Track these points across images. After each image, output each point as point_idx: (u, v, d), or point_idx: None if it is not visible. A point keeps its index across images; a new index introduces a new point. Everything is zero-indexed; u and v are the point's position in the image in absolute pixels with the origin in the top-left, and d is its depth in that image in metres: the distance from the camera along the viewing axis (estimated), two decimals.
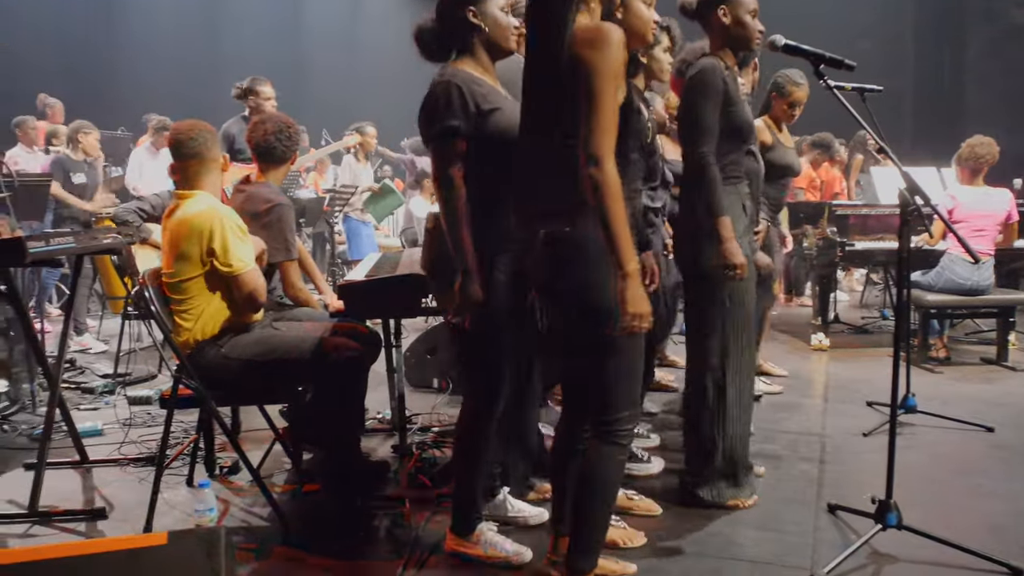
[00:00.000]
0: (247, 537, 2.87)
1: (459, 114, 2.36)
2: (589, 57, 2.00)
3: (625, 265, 1.99)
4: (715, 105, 2.82)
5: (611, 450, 2.21)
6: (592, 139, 2.00)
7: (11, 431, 4.05)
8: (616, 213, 1.98)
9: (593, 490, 2.24)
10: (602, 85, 2.00)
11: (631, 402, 2.21)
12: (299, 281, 3.50)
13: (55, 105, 8.06)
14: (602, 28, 2.03)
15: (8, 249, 2.95)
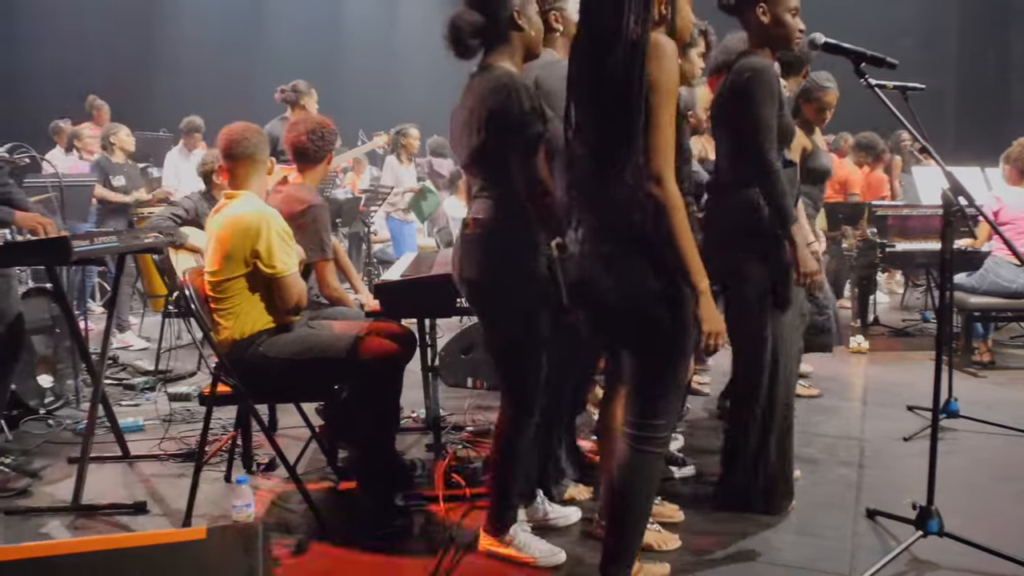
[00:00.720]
0: (283, 533, 2.90)
1: (541, 118, 2.36)
2: (650, 72, 1.97)
3: (698, 283, 1.99)
4: (775, 106, 2.75)
5: (646, 458, 2.20)
6: (653, 157, 1.98)
7: (56, 426, 4.14)
8: (683, 231, 1.97)
9: (629, 498, 2.22)
10: (662, 101, 1.98)
11: (673, 410, 2.20)
12: (335, 281, 3.53)
13: (102, 107, 8.22)
14: (659, 42, 2.00)
15: (54, 248, 3.02)
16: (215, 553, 1.73)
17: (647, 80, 1.97)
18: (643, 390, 2.19)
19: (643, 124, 1.98)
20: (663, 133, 1.98)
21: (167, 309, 5.13)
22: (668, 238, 1.98)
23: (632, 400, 2.21)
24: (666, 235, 1.98)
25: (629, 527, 2.25)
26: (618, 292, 2.12)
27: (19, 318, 3.48)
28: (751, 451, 2.95)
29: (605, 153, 2.10)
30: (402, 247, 7.38)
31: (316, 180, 3.57)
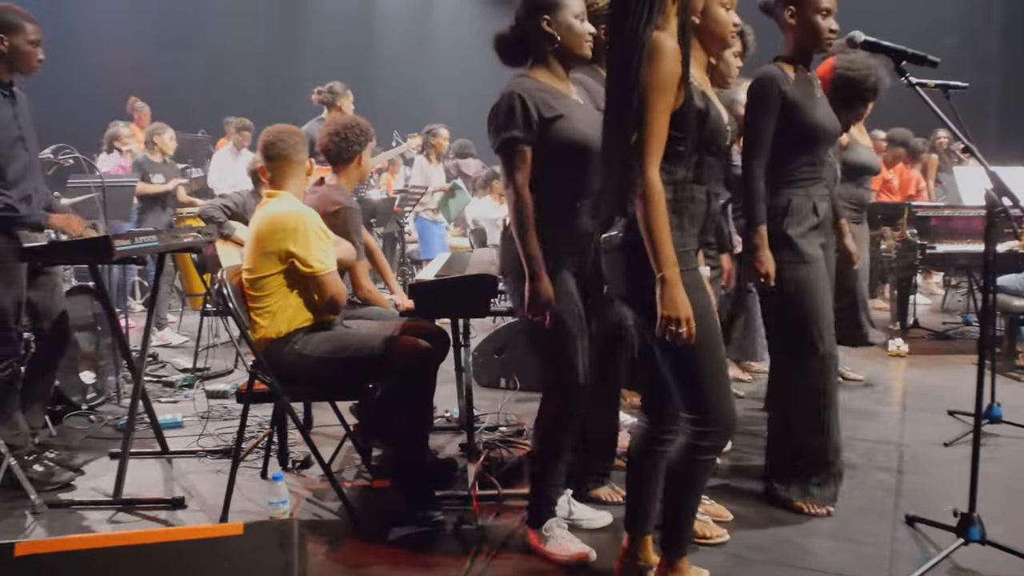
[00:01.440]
0: (318, 530, 2.93)
1: (520, 124, 2.44)
2: (642, 69, 2.05)
3: (662, 268, 2.04)
4: (769, 115, 2.85)
5: (697, 452, 2.19)
6: (638, 148, 2.06)
7: (97, 421, 4.23)
8: (653, 218, 2.04)
9: (677, 493, 2.25)
10: (649, 96, 2.04)
11: (720, 402, 2.18)
12: (368, 282, 3.56)
13: (143, 109, 8.38)
14: (655, 41, 2.06)
15: (97, 247, 3.08)
16: (252, 548, 1.76)
17: (640, 78, 2.05)
18: (680, 385, 2.19)
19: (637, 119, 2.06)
20: (650, 126, 2.05)
21: (205, 307, 5.22)
22: (642, 224, 2.06)
23: (676, 395, 2.22)
24: (641, 222, 2.06)
25: (676, 519, 2.27)
26: (628, 286, 2.19)
27: (64, 315, 3.56)
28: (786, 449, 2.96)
29: (613, 151, 2.19)
30: (431, 247, 7.41)
31: (351, 181, 3.60)
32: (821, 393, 2.93)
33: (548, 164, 2.48)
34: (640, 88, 2.05)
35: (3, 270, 3.23)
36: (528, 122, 2.44)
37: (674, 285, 2.03)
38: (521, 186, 2.46)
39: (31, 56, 3.29)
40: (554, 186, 2.50)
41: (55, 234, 4.76)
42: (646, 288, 2.11)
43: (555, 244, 2.50)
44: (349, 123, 3.53)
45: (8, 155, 3.26)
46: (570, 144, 2.46)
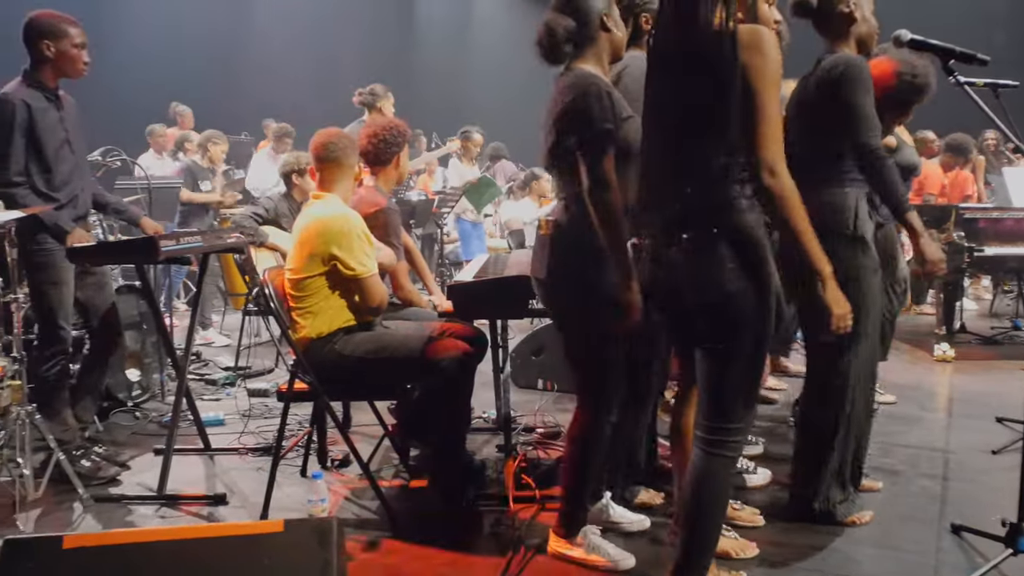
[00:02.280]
0: (356, 529, 2.95)
1: (611, 118, 2.36)
2: (752, 62, 1.95)
3: (822, 268, 2.01)
4: (871, 99, 2.71)
5: (719, 462, 2.15)
6: (762, 149, 1.96)
7: (143, 418, 4.31)
8: (802, 218, 1.98)
9: (701, 504, 2.17)
10: (768, 91, 1.96)
11: (747, 412, 2.15)
12: (408, 283, 3.59)
13: (185, 112, 8.53)
14: (757, 32, 1.97)
15: (144, 247, 3.15)
16: (292, 545, 1.78)
17: (749, 70, 1.95)
18: (717, 392, 2.14)
19: (749, 115, 1.96)
20: (772, 123, 1.96)
21: (247, 307, 5.29)
22: (788, 227, 1.99)
23: (705, 402, 2.17)
24: (784, 225, 1.99)
25: (702, 534, 2.20)
26: (695, 288, 2.08)
27: (114, 313, 3.64)
28: (817, 457, 2.88)
29: (688, 145, 2.07)
30: (471, 248, 7.45)
31: (389, 183, 3.62)
32: (860, 398, 2.87)
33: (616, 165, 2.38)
34: (754, 82, 1.94)
35: (50, 270, 3.32)
36: (616, 117, 2.37)
37: (834, 281, 2.01)
38: (612, 179, 2.33)
39: (77, 60, 3.36)
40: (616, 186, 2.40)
41: (101, 234, 4.88)
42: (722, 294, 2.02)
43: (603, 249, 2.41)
44: (387, 125, 3.56)
45: (55, 158, 3.34)
46: (630, 148, 2.39)
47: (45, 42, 3.30)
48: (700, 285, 2.06)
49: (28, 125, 3.26)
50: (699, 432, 2.18)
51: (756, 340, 2.04)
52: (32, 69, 3.34)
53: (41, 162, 3.30)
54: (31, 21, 3.33)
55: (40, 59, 3.33)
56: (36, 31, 3.31)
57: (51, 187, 3.33)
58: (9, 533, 2.84)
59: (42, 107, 3.32)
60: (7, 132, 3.22)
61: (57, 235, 3.29)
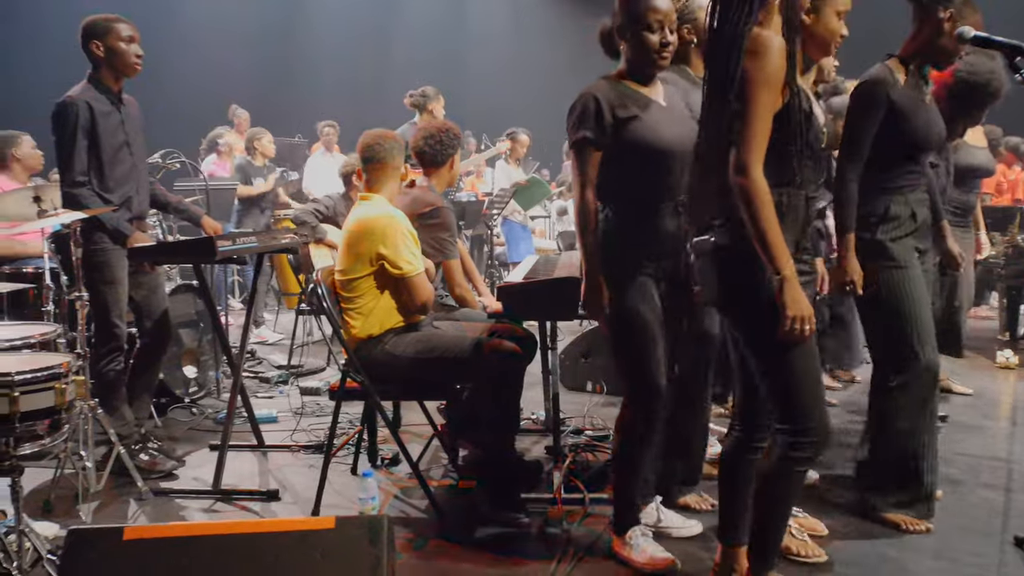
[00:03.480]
0: (405, 527, 2.98)
1: (591, 125, 2.45)
2: (747, 64, 2.00)
3: (781, 268, 1.99)
4: (872, 120, 2.75)
5: (790, 462, 2.13)
6: (740, 147, 2.01)
7: (198, 414, 4.41)
8: (765, 219, 1.99)
9: (768, 504, 2.19)
10: (754, 93, 1.99)
11: (817, 415, 2.11)
12: (462, 280, 3.61)
13: (243, 115, 8.70)
14: (759, 36, 2.01)
15: (201, 247, 3.22)
16: (343, 542, 1.80)
17: (745, 71, 2.00)
18: (770, 389, 2.14)
19: (736, 114, 2.01)
20: (754, 124, 2.00)
21: (300, 306, 5.38)
22: (749, 225, 2.00)
23: (770, 402, 2.16)
24: (749, 223, 2.00)
25: (766, 532, 2.21)
26: (723, 291, 2.14)
27: (166, 314, 3.72)
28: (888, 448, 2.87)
29: (710, 149, 2.14)
30: (518, 250, 7.45)
31: (441, 184, 3.65)
32: (921, 404, 2.82)
33: (624, 165, 2.47)
34: (743, 85, 2.00)
35: (107, 269, 3.41)
36: (600, 123, 2.44)
37: (794, 283, 1.99)
38: (586, 186, 2.48)
39: (126, 54, 3.41)
40: (631, 188, 2.50)
41: (161, 234, 5.01)
42: (743, 293, 2.07)
43: (635, 247, 2.49)
44: (443, 127, 3.59)
45: (111, 160, 3.42)
46: (646, 145, 2.45)
47: (94, 42, 3.39)
48: (721, 286, 2.13)
49: (90, 127, 3.35)
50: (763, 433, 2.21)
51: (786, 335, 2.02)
52: (93, 72, 3.44)
53: (98, 163, 3.39)
54: (82, 26, 3.42)
55: (95, 61, 3.42)
56: (86, 34, 3.40)
57: (105, 188, 3.41)
58: (72, 523, 2.93)
59: (105, 110, 3.41)
60: (71, 134, 3.32)
61: (115, 237, 3.38)
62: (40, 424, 2.40)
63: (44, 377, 2.40)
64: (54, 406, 2.42)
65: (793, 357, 2.06)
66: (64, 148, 3.34)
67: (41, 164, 4.49)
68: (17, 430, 2.34)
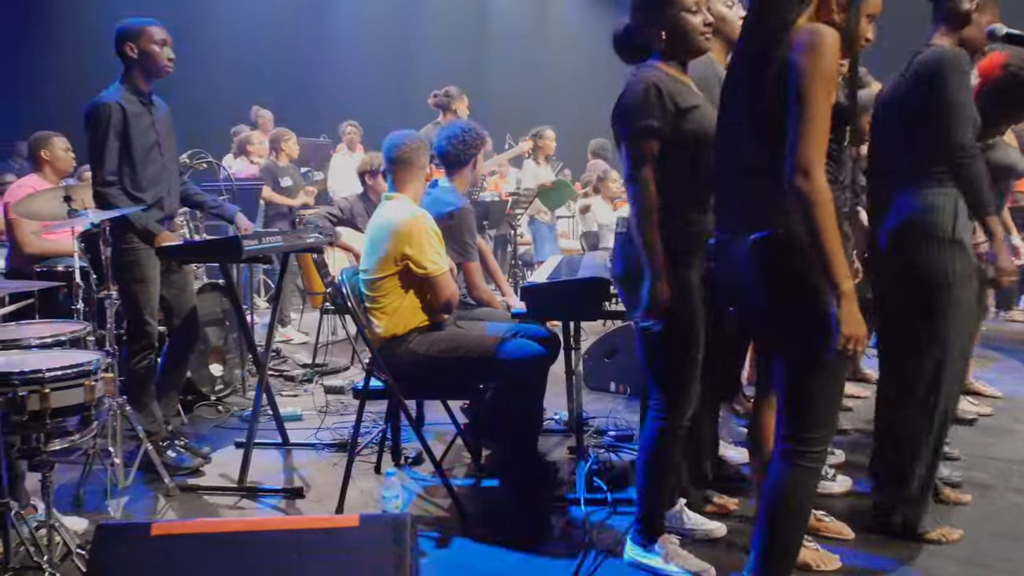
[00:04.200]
0: (428, 526, 2.99)
1: (656, 114, 2.34)
2: (801, 61, 1.91)
3: (840, 283, 1.90)
4: (969, 89, 2.61)
5: (801, 472, 2.09)
6: (800, 147, 1.91)
7: (224, 412, 4.46)
8: (828, 227, 1.89)
9: (782, 515, 2.12)
10: (814, 90, 1.90)
11: (830, 422, 2.09)
12: (482, 282, 3.61)
13: (266, 115, 8.77)
14: (816, 30, 1.94)
15: (227, 247, 3.25)
16: (367, 540, 1.82)
17: (799, 68, 1.91)
18: (795, 398, 2.10)
19: (794, 114, 1.92)
20: (815, 124, 1.91)
21: (324, 306, 5.41)
22: (811, 234, 1.91)
23: (785, 410, 2.12)
24: (809, 231, 1.91)
25: (779, 546, 2.15)
26: (764, 293, 2.06)
27: (194, 313, 3.76)
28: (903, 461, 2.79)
29: (755, 148, 2.05)
30: (544, 249, 7.45)
31: (464, 184, 3.65)
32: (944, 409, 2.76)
33: (683, 157, 2.37)
34: (800, 81, 1.91)
35: (138, 268, 3.45)
36: (664, 112, 2.34)
37: (852, 299, 1.89)
38: (648, 180, 2.34)
39: (158, 56, 3.46)
40: (688, 180, 2.39)
41: (190, 233, 5.06)
42: (792, 298, 2.00)
43: (688, 241, 2.40)
44: (466, 127, 3.59)
45: (143, 160, 3.47)
46: (707, 135, 2.35)
47: (128, 44, 3.44)
48: (764, 289, 2.05)
49: (122, 128, 3.40)
50: (779, 441, 2.13)
51: (822, 346, 1.97)
52: (125, 74, 3.49)
53: (130, 164, 3.43)
54: (117, 29, 3.47)
55: (128, 62, 3.47)
56: (120, 36, 3.45)
57: (137, 188, 3.45)
58: (101, 518, 2.98)
59: (136, 111, 3.45)
60: (103, 134, 3.37)
61: (144, 236, 3.42)
62: (70, 420, 2.43)
63: (74, 374, 2.43)
64: (83, 403, 2.45)
65: (828, 369, 2.02)
66: (96, 148, 3.39)
67: (72, 166, 4.55)
68: (48, 426, 2.38)
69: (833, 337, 1.91)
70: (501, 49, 13.58)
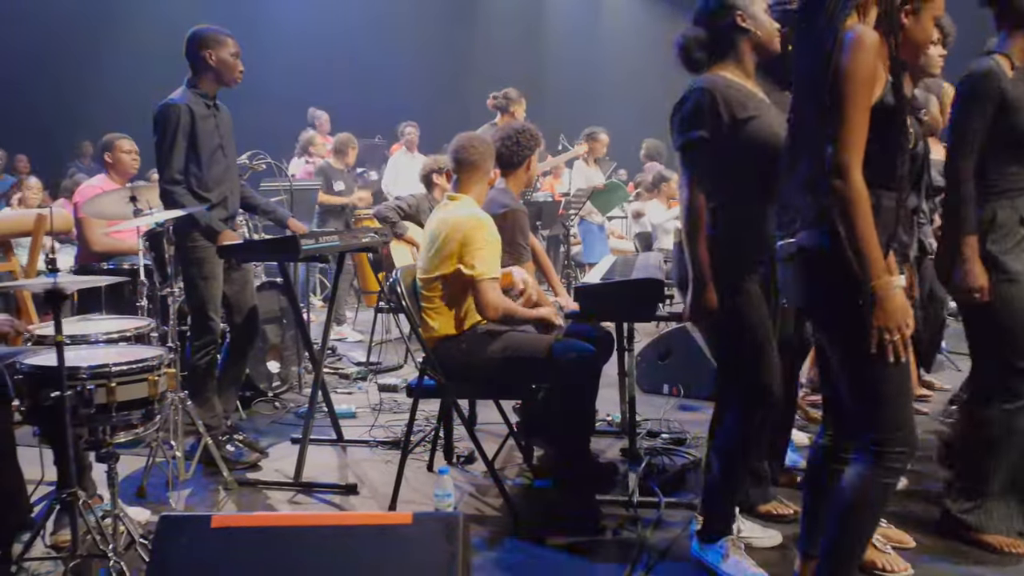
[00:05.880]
0: (480, 525, 3.00)
1: (708, 123, 2.36)
2: (839, 61, 1.92)
3: (874, 277, 1.91)
4: (982, 114, 2.61)
5: (879, 474, 2.05)
6: (837, 147, 1.93)
7: (281, 408, 4.54)
8: (862, 226, 1.91)
9: (852, 516, 2.09)
10: (849, 90, 1.91)
11: (904, 422, 2.04)
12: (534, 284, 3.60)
13: (322, 116, 8.91)
14: (855, 32, 1.93)
15: (286, 246, 3.31)
16: (420, 538, 1.82)
17: (836, 69, 1.92)
18: (855, 398, 2.07)
19: (833, 115, 1.93)
20: (851, 126, 1.92)
21: (379, 304, 5.47)
22: (844, 232, 1.93)
23: (855, 411, 2.09)
24: (845, 229, 1.93)
25: (848, 548, 2.11)
26: (813, 292, 2.08)
27: (255, 310, 3.84)
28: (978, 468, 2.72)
29: (801, 147, 2.08)
30: (594, 251, 7.41)
31: (518, 185, 3.65)
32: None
33: (740, 167, 2.40)
34: (837, 82, 1.92)
35: (204, 265, 3.54)
36: (718, 122, 2.36)
37: (888, 293, 1.91)
38: (695, 188, 2.40)
39: (234, 68, 3.60)
40: (745, 190, 2.43)
41: (249, 232, 5.17)
42: (830, 297, 2.01)
43: (744, 250, 2.44)
44: (521, 129, 3.59)
45: (209, 161, 3.57)
46: (763, 146, 2.37)
47: (208, 51, 3.54)
48: (812, 289, 2.07)
49: (190, 129, 3.50)
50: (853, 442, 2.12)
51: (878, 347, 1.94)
52: (194, 78, 3.59)
53: (196, 164, 3.54)
54: (194, 35, 3.58)
55: (203, 68, 3.57)
56: (199, 42, 3.56)
57: (203, 188, 3.55)
58: (163, 510, 3.06)
59: (203, 113, 3.56)
60: (171, 135, 3.48)
61: (208, 234, 3.51)
62: (134, 413, 2.50)
63: (139, 369, 2.50)
64: (147, 397, 2.52)
65: (881, 365, 1.98)
66: (164, 148, 3.49)
67: (136, 167, 4.68)
68: (114, 419, 2.45)
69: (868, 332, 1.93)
70: (557, 49, 13.58)
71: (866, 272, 1.92)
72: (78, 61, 10.15)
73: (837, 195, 1.93)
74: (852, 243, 1.92)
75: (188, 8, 5.38)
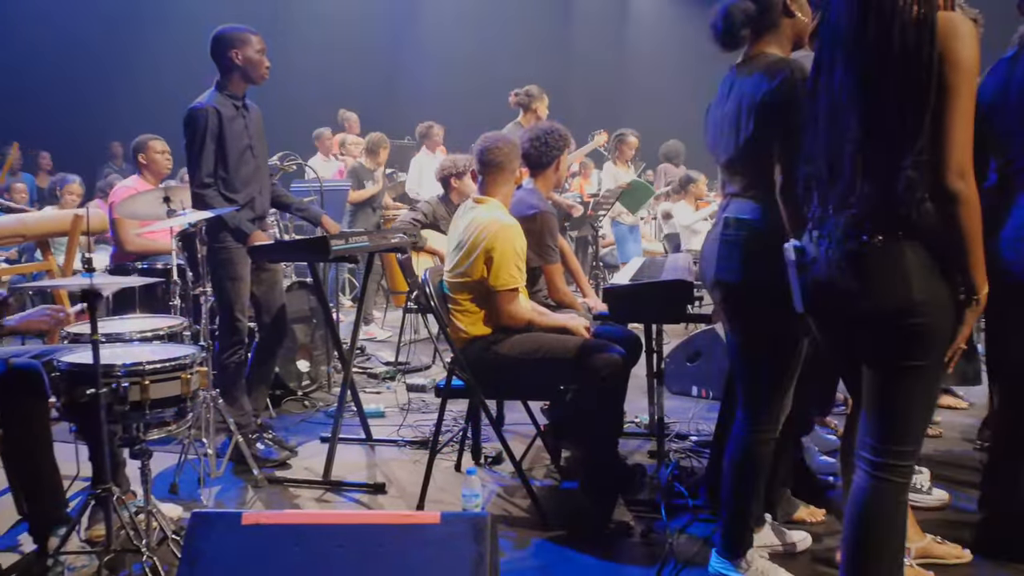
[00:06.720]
0: (507, 526, 3.00)
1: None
2: (948, 54, 1.79)
3: (979, 290, 1.85)
4: None
5: (890, 487, 1.99)
6: (954, 148, 1.80)
7: (310, 407, 4.58)
8: (977, 234, 1.82)
9: (874, 534, 2.01)
10: (963, 85, 1.79)
11: (921, 434, 2.00)
12: (563, 284, 3.60)
13: (351, 118, 8.98)
14: (956, 19, 1.81)
15: (316, 246, 3.34)
16: (447, 537, 1.83)
17: (945, 63, 1.78)
18: (889, 409, 1.98)
19: (941, 111, 1.80)
20: (965, 121, 1.80)
21: (407, 305, 5.50)
22: (963, 239, 1.83)
23: (874, 421, 2.01)
24: (960, 234, 1.83)
25: (867, 566, 2.04)
26: (873, 295, 1.91)
27: (283, 310, 3.88)
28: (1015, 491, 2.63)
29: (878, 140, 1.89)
30: (627, 251, 7.40)
31: (547, 185, 3.64)
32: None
33: None
34: (954, 75, 1.78)
35: (231, 266, 3.58)
36: None
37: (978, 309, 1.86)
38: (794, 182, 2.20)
39: (260, 64, 3.62)
40: None
41: (279, 232, 5.22)
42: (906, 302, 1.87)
43: None
44: (549, 129, 3.57)
45: (237, 162, 3.60)
46: None
47: (234, 51, 3.57)
48: (873, 291, 1.90)
49: (218, 131, 3.53)
50: (866, 454, 2.01)
51: (940, 354, 1.89)
52: (222, 79, 3.62)
53: (224, 167, 3.57)
54: (219, 36, 3.61)
55: (229, 68, 3.60)
56: (224, 43, 3.59)
57: (231, 189, 3.59)
58: (194, 506, 3.10)
59: (231, 115, 3.59)
60: (201, 138, 3.51)
61: (238, 235, 3.55)
62: (167, 411, 2.54)
63: (172, 367, 2.53)
64: (180, 395, 2.55)
65: (930, 377, 1.93)
66: (193, 151, 3.53)
67: (169, 168, 4.75)
68: (147, 416, 2.49)
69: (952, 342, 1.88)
70: (582, 50, 13.55)
71: (977, 281, 1.85)
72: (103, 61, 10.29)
73: (960, 198, 1.80)
74: (974, 250, 1.84)
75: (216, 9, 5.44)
